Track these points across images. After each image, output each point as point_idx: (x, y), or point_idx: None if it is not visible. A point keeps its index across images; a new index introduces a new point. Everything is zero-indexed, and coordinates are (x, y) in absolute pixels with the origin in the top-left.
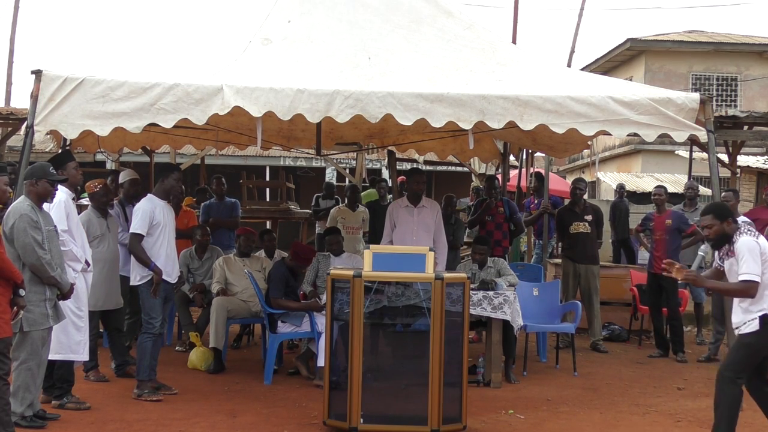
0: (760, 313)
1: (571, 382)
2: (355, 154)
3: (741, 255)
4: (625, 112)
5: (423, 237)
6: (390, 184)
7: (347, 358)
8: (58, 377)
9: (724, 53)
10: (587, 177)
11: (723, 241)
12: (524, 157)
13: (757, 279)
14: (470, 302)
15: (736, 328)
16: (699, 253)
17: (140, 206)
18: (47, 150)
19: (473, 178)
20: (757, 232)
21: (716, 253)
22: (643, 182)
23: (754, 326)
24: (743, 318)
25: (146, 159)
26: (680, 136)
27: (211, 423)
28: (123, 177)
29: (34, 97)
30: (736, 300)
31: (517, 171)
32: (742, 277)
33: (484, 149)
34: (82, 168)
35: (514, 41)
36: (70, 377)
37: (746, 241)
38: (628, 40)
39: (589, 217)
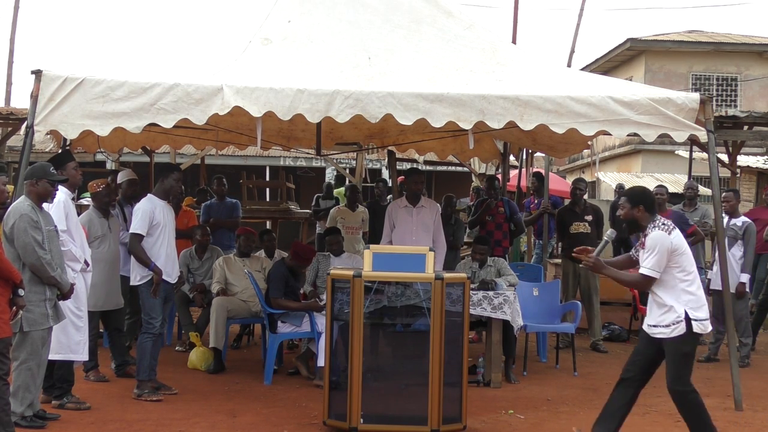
0: (683, 315)
1: (571, 382)
2: (355, 154)
3: (648, 248)
4: (625, 112)
5: (422, 237)
6: (390, 184)
7: (347, 358)
8: (58, 377)
9: (724, 53)
10: (587, 177)
11: (633, 226)
12: (524, 157)
13: (655, 275)
14: (470, 302)
15: (654, 326)
16: (604, 237)
17: (140, 206)
18: (47, 150)
19: (473, 178)
20: (673, 227)
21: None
22: (643, 182)
23: (681, 330)
24: (663, 318)
25: (146, 159)
26: (680, 136)
27: (211, 423)
28: (121, 177)
29: (34, 97)
30: (650, 295)
31: (517, 171)
32: (642, 270)
33: (484, 149)
34: (82, 168)
35: (514, 41)
36: (70, 377)
37: (657, 236)
38: (628, 40)
39: (589, 218)
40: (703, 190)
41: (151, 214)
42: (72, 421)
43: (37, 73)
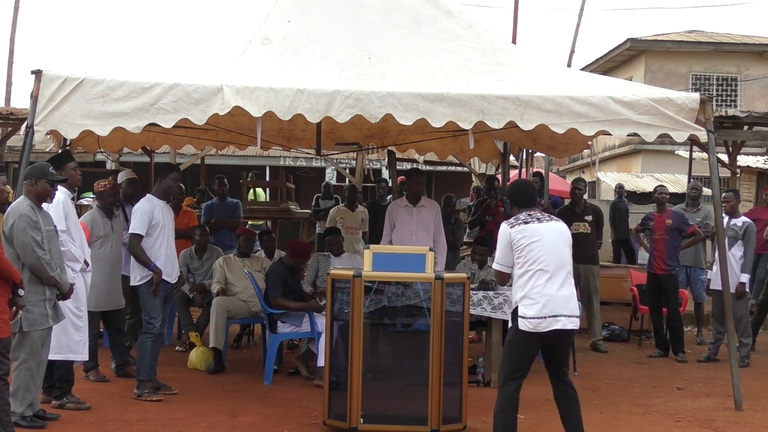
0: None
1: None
2: (355, 154)
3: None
4: (625, 112)
5: (422, 237)
6: (390, 184)
7: (347, 358)
8: (58, 377)
9: (724, 53)
10: (587, 177)
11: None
12: (524, 157)
13: (498, 267)
14: (470, 302)
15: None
16: None
17: (139, 206)
18: (47, 150)
19: (473, 178)
20: (524, 219)
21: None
22: (643, 182)
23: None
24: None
25: (146, 159)
26: (680, 136)
27: (211, 423)
28: (121, 177)
29: (34, 97)
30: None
31: (517, 171)
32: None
33: (484, 149)
34: (82, 168)
35: (514, 41)
36: (70, 377)
37: (501, 228)
38: (628, 40)
39: (589, 218)
40: (704, 190)
41: (150, 214)
42: (72, 421)
43: (37, 73)
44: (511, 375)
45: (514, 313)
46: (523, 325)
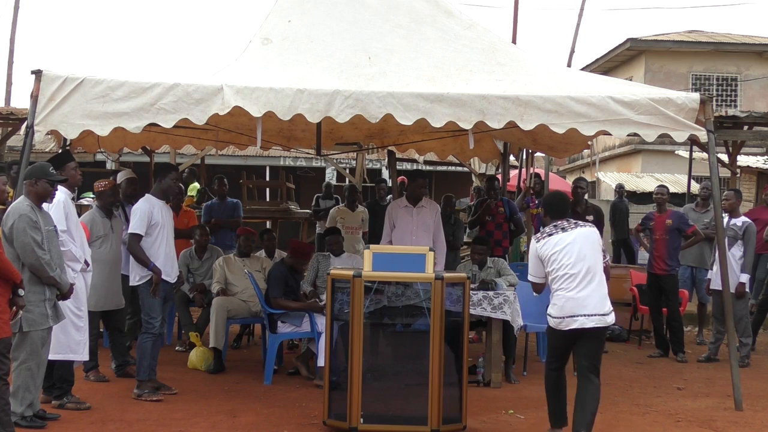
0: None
1: (571, 382)
2: (355, 154)
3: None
4: (625, 112)
5: (422, 237)
6: (390, 184)
7: (347, 358)
8: (58, 377)
9: (724, 53)
10: (587, 177)
11: None
12: (524, 157)
13: (532, 279)
14: (470, 302)
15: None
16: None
17: (138, 206)
18: (47, 150)
19: (473, 178)
20: (549, 232)
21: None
22: (643, 182)
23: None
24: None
25: (146, 159)
26: (680, 136)
27: (211, 423)
28: (120, 177)
29: (34, 97)
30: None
31: (517, 171)
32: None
33: (484, 149)
34: (82, 168)
35: (514, 41)
36: (70, 377)
37: (530, 243)
38: (628, 40)
39: (590, 218)
40: None
41: (150, 214)
42: (72, 421)
43: (37, 73)
44: (551, 365)
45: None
46: (550, 323)
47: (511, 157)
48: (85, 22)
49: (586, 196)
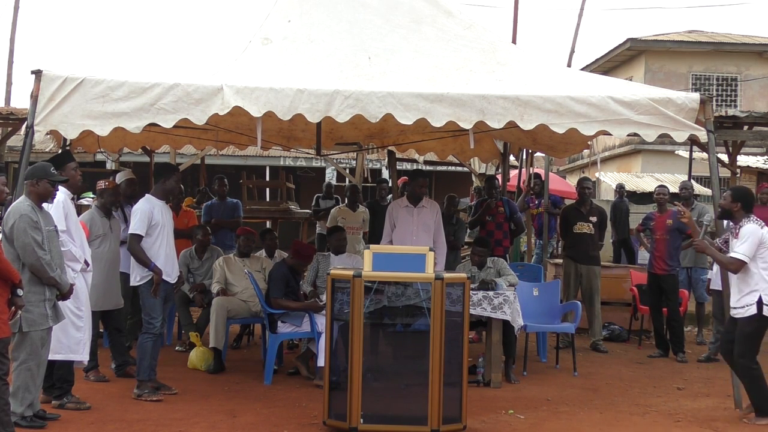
0: (756, 299)
1: (571, 382)
2: (355, 154)
3: (743, 237)
4: (625, 112)
5: (423, 237)
6: (390, 184)
7: (347, 358)
8: (58, 377)
9: (724, 53)
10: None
11: (727, 216)
12: (524, 157)
13: (744, 258)
14: (470, 302)
15: (734, 308)
16: (704, 223)
17: (138, 207)
18: (47, 150)
19: (473, 178)
20: (760, 224)
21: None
22: (643, 182)
23: (752, 311)
24: (741, 300)
25: (146, 159)
26: (680, 136)
27: (211, 423)
28: (119, 177)
29: (34, 97)
30: (733, 282)
31: (517, 171)
32: (735, 255)
33: (484, 149)
34: (82, 168)
35: (514, 41)
36: (70, 377)
37: (750, 228)
38: (628, 40)
39: (594, 219)
40: (704, 190)
41: (150, 215)
42: (72, 421)
43: (37, 73)
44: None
45: (760, 302)
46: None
47: (511, 157)
48: (85, 22)
49: None
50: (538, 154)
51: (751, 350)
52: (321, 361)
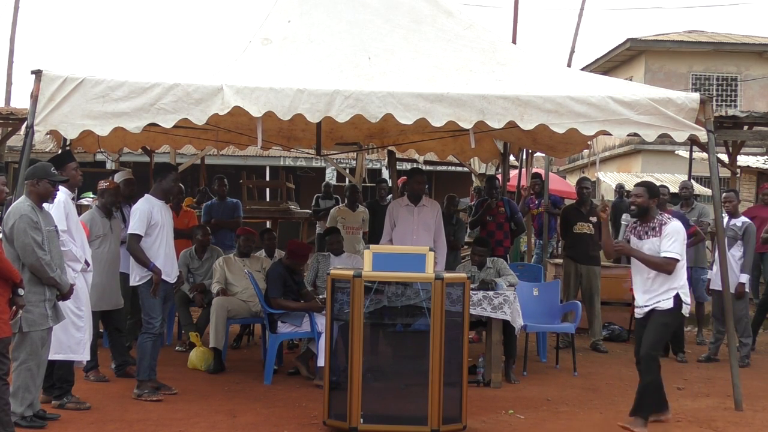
0: (674, 292)
1: (571, 382)
2: (355, 154)
3: (669, 235)
4: (625, 112)
5: (423, 237)
6: (390, 184)
7: (347, 358)
8: (58, 377)
9: (724, 53)
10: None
11: (643, 214)
12: (524, 157)
13: (680, 258)
14: (470, 302)
15: (645, 306)
16: (622, 222)
17: (138, 207)
18: (47, 150)
19: (473, 178)
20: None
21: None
22: None
23: (668, 305)
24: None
25: (146, 159)
26: (680, 136)
27: (211, 423)
28: (118, 177)
29: (34, 97)
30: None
31: (517, 171)
32: (667, 254)
33: (484, 149)
34: (82, 168)
35: (514, 41)
36: (70, 377)
37: (677, 226)
38: (628, 40)
39: (594, 219)
40: (703, 190)
41: (149, 215)
42: (72, 421)
43: (37, 73)
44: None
45: (677, 298)
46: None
47: (511, 157)
48: (85, 22)
49: None
50: (538, 154)
51: (662, 343)
52: (321, 361)
